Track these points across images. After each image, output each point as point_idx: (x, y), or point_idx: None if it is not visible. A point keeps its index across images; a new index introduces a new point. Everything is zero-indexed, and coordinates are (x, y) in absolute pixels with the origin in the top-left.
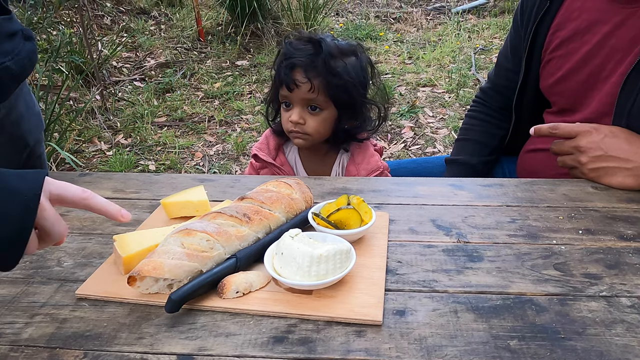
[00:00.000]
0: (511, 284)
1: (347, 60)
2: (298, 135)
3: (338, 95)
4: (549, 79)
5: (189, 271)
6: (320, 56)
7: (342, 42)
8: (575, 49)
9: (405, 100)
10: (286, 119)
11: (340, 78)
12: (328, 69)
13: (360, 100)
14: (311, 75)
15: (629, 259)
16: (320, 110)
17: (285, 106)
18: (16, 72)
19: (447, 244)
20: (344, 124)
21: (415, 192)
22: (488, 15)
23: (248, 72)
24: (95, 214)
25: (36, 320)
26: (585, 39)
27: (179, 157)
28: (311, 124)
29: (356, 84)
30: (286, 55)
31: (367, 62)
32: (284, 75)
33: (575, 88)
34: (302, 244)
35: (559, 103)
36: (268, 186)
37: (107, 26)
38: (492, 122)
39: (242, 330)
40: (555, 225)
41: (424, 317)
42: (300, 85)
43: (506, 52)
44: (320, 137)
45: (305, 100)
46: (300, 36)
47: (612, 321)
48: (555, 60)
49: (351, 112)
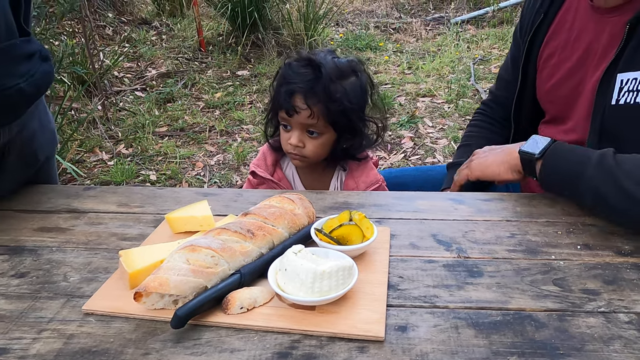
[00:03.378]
0: (511, 300)
1: (347, 83)
2: (296, 157)
3: (337, 121)
4: (543, 87)
5: (194, 287)
6: (321, 82)
7: (342, 61)
8: (566, 57)
9: (405, 110)
10: (285, 141)
11: (340, 104)
12: (328, 95)
13: (360, 122)
14: (311, 102)
15: (626, 275)
16: (319, 134)
17: (284, 127)
18: (30, 93)
19: (448, 259)
20: (342, 145)
21: (416, 207)
22: (487, 26)
23: (249, 82)
24: (100, 229)
25: (43, 335)
26: (574, 48)
27: (180, 167)
28: (310, 148)
29: (355, 109)
30: (285, 79)
31: (367, 81)
32: (283, 101)
33: (565, 95)
34: (305, 260)
35: (551, 111)
36: (271, 202)
37: (109, 36)
38: (494, 130)
39: (246, 346)
40: (554, 241)
41: (425, 333)
42: (300, 112)
43: (507, 65)
44: (318, 158)
45: (304, 125)
46: (299, 57)
47: (610, 337)
48: (549, 69)
49: (350, 133)
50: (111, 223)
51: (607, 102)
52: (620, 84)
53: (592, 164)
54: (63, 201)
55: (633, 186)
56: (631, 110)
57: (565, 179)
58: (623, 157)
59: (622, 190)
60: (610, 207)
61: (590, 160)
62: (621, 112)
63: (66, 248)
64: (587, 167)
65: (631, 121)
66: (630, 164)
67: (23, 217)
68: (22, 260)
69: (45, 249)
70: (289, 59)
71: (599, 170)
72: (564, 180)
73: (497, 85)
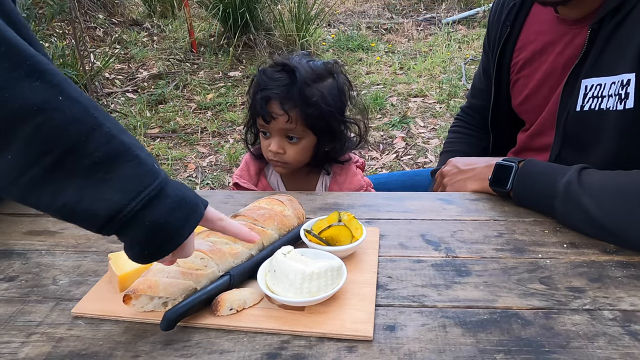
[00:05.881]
0: (498, 298)
1: (323, 86)
2: (278, 164)
3: (316, 124)
4: (517, 99)
5: (184, 289)
6: (296, 86)
7: (317, 64)
8: (536, 68)
9: (397, 110)
10: (265, 148)
11: (317, 107)
12: (304, 99)
13: (339, 124)
14: (287, 107)
15: (611, 272)
16: (299, 139)
17: (263, 134)
18: None
19: (436, 258)
20: (323, 148)
21: (405, 207)
22: (478, 26)
23: (241, 83)
24: (90, 232)
25: (32, 339)
26: (543, 59)
27: (172, 168)
28: (290, 153)
29: (334, 111)
30: (260, 85)
31: (345, 82)
32: (259, 108)
33: (540, 105)
34: (294, 262)
35: (529, 121)
36: (261, 203)
37: (99, 38)
38: (475, 135)
39: (235, 347)
40: (540, 239)
41: (413, 332)
42: (277, 118)
43: (479, 75)
44: (300, 164)
45: (283, 131)
46: (274, 63)
47: (595, 334)
48: (521, 80)
49: (330, 136)
50: None
51: (572, 107)
52: (585, 90)
53: (560, 197)
54: None
55: (597, 212)
56: (595, 116)
57: (538, 208)
58: (589, 180)
59: (590, 220)
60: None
61: (557, 193)
62: (585, 118)
63: (55, 251)
64: (556, 201)
65: (594, 127)
66: (597, 187)
67: (12, 220)
68: (10, 264)
69: (34, 253)
70: (262, 65)
71: (565, 203)
72: (539, 209)
73: (473, 93)
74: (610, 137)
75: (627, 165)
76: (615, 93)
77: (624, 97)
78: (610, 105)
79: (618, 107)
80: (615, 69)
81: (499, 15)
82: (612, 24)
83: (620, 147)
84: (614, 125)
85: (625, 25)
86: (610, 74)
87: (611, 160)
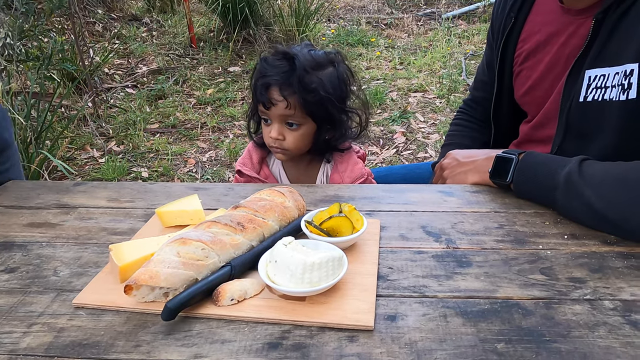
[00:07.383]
0: (499, 289)
1: (323, 74)
2: (278, 150)
3: (315, 111)
4: (520, 90)
5: (185, 279)
6: (295, 73)
7: (318, 53)
8: (540, 59)
9: (397, 105)
10: (267, 135)
11: (316, 94)
12: (303, 86)
13: (339, 112)
14: (286, 93)
15: (612, 263)
16: (298, 126)
17: (265, 122)
18: None
19: (437, 250)
20: (323, 136)
21: (406, 199)
22: (478, 21)
23: (240, 78)
24: (91, 224)
25: (34, 329)
26: (547, 50)
27: (172, 164)
28: (290, 140)
29: (333, 98)
30: (261, 72)
31: (346, 71)
32: (260, 95)
33: (543, 96)
34: (295, 252)
35: (532, 112)
36: (261, 195)
37: (98, 33)
38: (476, 128)
39: (237, 337)
40: (541, 231)
41: (414, 322)
42: (276, 104)
43: (483, 67)
44: (300, 151)
45: (282, 117)
46: (275, 51)
47: (595, 324)
48: (525, 72)
49: (330, 124)
50: (101, 218)
51: (575, 98)
52: (589, 81)
53: (560, 189)
54: (53, 197)
55: (598, 203)
56: (598, 107)
57: (539, 200)
58: (590, 171)
59: (592, 211)
60: (586, 225)
61: (558, 185)
62: (588, 109)
63: (56, 243)
64: (557, 192)
65: (597, 118)
66: (598, 177)
67: (12, 212)
68: (11, 256)
69: (35, 244)
70: (264, 53)
71: (566, 195)
72: (539, 201)
73: (475, 86)
74: (612, 128)
75: (628, 157)
76: (619, 83)
77: (626, 88)
78: (613, 95)
79: (621, 98)
80: (620, 59)
81: (504, 6)
82: (616, 14)
83: (621, 139)
84: (617, 116)
85: (630, 15)
86: (614, 64)
87: (612, 153)
